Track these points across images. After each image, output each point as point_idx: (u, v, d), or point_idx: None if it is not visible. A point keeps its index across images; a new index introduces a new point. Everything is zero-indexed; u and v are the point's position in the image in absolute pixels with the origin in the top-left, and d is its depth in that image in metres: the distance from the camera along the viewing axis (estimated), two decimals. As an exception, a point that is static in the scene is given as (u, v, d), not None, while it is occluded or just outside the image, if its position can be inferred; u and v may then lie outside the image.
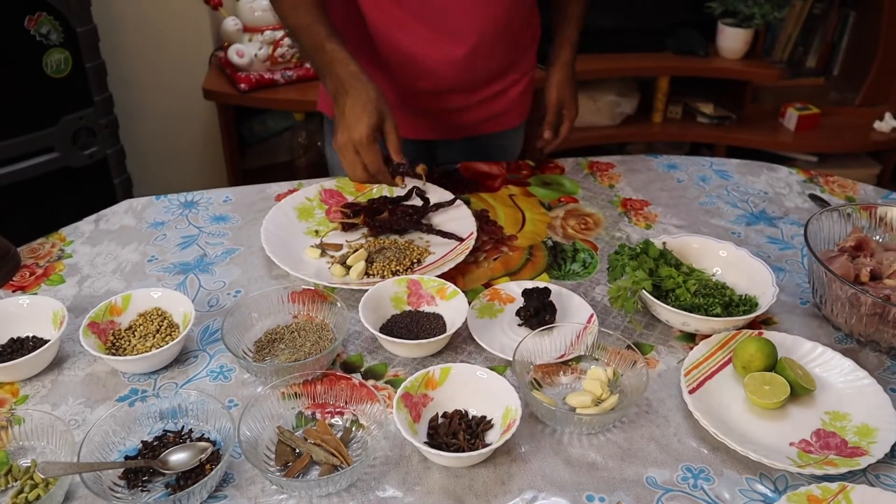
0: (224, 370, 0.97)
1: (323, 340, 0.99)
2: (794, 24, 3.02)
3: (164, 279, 1.13)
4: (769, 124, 2.89)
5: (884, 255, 1.07)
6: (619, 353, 0.95)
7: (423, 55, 1.31)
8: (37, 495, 0.78)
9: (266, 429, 0.86)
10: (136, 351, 0.96)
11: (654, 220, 1.31)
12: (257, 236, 1.18)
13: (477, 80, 1.39)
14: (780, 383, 0.91)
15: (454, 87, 1.39)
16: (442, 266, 1.12)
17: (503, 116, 1.51)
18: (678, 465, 0.85)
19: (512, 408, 0.85)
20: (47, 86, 1.94)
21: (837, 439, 0.87)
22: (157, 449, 0.84)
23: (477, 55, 1.32)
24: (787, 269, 1.18)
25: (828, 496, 0.78)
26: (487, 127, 1.50)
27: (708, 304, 1.02)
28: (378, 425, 0.85)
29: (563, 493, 0.81)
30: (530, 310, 1.02)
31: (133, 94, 2.51)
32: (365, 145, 1.12)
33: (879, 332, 0.97)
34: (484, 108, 1.45)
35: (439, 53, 1.31)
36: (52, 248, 1.20)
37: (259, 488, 0.81)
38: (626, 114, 2.90)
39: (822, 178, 1.46)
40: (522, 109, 1.55)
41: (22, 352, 0.95)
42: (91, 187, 2.13)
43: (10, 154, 1.92)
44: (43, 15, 1.86)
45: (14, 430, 0.85)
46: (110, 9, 2.33)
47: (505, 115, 1.51)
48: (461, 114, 1.45)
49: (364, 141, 1.11)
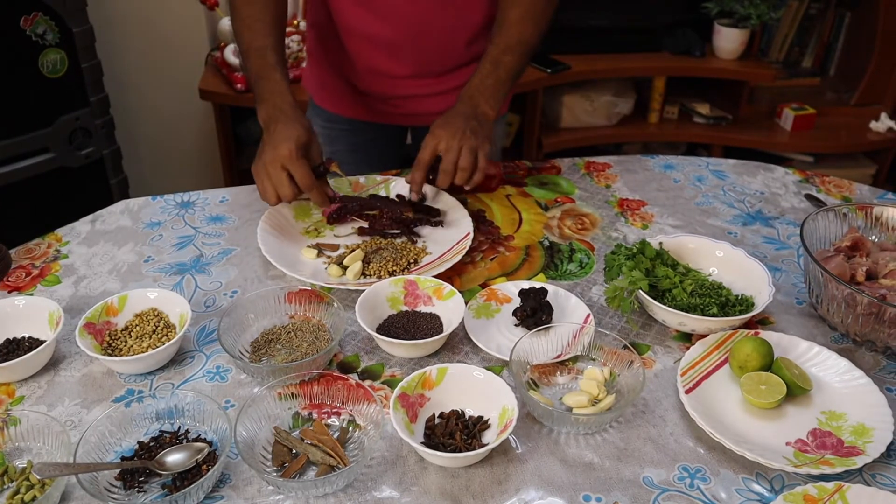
0: (221, 371, 0.97)
1: (320, 341, 0.99)
2: (790, 25, 3.03)
3: (161, 280, 1.13)
4: (765, 124, 2.90)
5: (879, 255, 1.07)
6: (616, 353, 0.95)
7: (370, 34, 1.36)
8: (33, 496, 0.78)
9: (263, 429, 0.86)
10: (132, 351, 0.96)
11: (650, 220, 1.31)
12: (254, 237, 1.18)
13: (428, 65, 1.41)
14: (776, 383, 0.91)
15: (413, 73, 1.41)
16: (439, 266, 1.12)
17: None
18: (675, 464, 0.85)
19: (509, 408, 0.85)
20: (43, 86, 1.94)
21: (833, 439, 0.87)
22: (154, 450, 0.83)
23: (414, 40, 1.35)
24: (784, 269, 1.19)
25: (824, 496, 0.78)
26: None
27: (704, 304, 1.02)
28: (375, 426, 0.85)
29: (559, 493, 0.81)
30: (527, 310, 1.02)
31: (129, 95, 2.50)
32: (294, 160, 1.12)
33: (875, 331, 0.97)
34: (454, 96, 1.39)
35: (381, 34, 1.35)
36: (48, 249, 1.19)
37: (256, 489, 0.81)
38: (623, 114, 2.91)
39: (819, 178, 1.47)
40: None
41: (18, 352, 0.95)
42: (87, 188, 2.13)
43: (6, 154, 1.92)
44: (39, 15, 1.86)
45: (10, 430, 0.84)
46: (106, 9, 2.33)
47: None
48: (427, 101, 1.45)
49: (292, 156, 1.12)
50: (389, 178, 1.36)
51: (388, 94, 1.47)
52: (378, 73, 1.43)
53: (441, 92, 1.45)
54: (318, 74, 1.54)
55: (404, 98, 1.47)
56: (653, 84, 2.84)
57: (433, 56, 1.41)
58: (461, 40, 1.40)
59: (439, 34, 1.38)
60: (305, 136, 1.15)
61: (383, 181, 1.35)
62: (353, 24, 1.37)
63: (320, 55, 1.50)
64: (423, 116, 1.49)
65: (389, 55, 1.39)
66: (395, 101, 1.48)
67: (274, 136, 1.14)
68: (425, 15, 1.33)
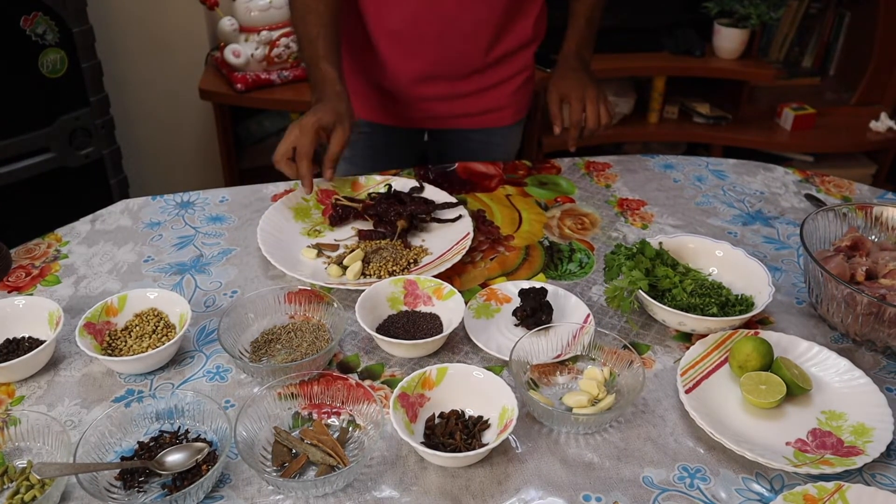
0: (220, 371, 0.97)
1: (319, 341, 0.99)
2: (790, 25, 3.03)
3: (161, 279, 1.13)
4: (765, 124, 2.90)
5: (879, 255, 1.07)
6: (616, 353, 0.95)
7: (391, 30, 1.39)
8: (33, 496, 0.78)
9: (263, 429, 0.86)
10: (132, 351, 0.96)
11: (650, 219, 1.31)
12: (254, 237, 1.18)
13: (448, 66, 1.43)
14: (776, 383, 0.91)
15: (437, 74, 1.43)
16: (439, 266, 1.13)
17: (494, 113, 1.53)
18: (675, 464, 0.85)
19: (508, 408, 0.85)
20: (43, 86, 1.95)
21: (833, 438, 0.87)
22: (154, 450, 0.84)
23: (435, 39, 1.38)
24: (784, 268, 1.19)
25: (824, 495, 0.78)
26: (477, 122, 1.52)
27: (704, 303, 1.02)
28: (375, 425, 0.85)
29: (559, 493, 0.81)
30: (527, 310, 1.02)
31: (129, 95, 2.51)
32: (307, 129, 1.18)
33: (875, 331, 0.97)
34: (471, 101, 1.47)
35: (402, 30, 1.38)
36: (47, 249, 1.20)
37: (255, 489, 0.81)
38: (623, 114, 2.91)
39: (818, 178, 1.47)
40: (517, 108, 1.56)
41: (18, 352, 0.95)
42: (87, 188, 2.13)
43: (6, 154, 1.93)
44: (39, 15, 1.87)
45: (10, 430, 0.85)
46: (106, 9, 2.33)
47: (496, 111, 1.52)
48: (447, 104, 1.48)
49: (307, 126, 1.19)
50: (388, 178, 1.36)
51: (406, 96, 1.48)
52: (397, 73, 1.45)
53: (460, 95, 1.47)
54: None
55: (422, 100, 1.48)
56: (653, 84, 2.84)
57: (453, 56, 1.42)
58: (483, 40, 1.41)
59: (460, 31, 1.39)
60: (329, 119, 1.21)
61: (383, 181, 1.35)
62: (375, 20, 1.39)
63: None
64: (440, 119, 1.53)
65: (409, 54, 1.41)
66: (414, 104, 1.49)
67: (311, 111, 1.23)
68: (446, 8, 1.35)
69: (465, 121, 1.53)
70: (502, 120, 1.55)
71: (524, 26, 1.45)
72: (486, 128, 1.55)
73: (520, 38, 1.45)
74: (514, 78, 1.50)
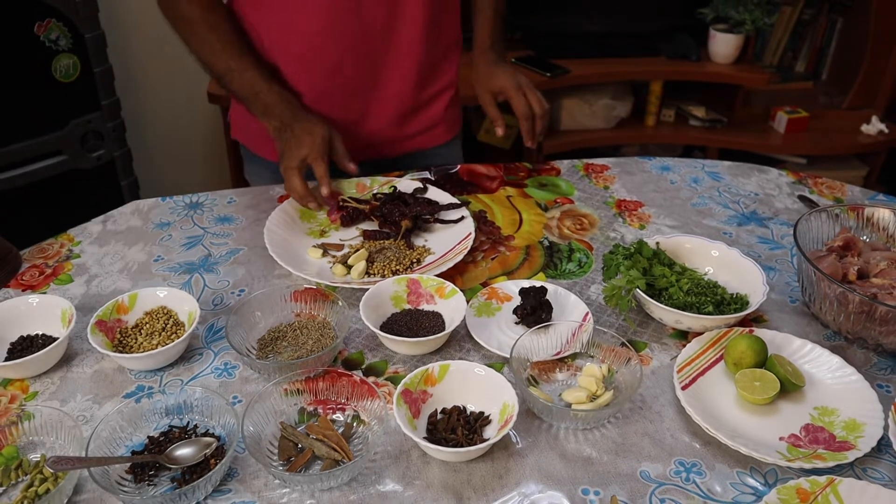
0: (228, 367, 0.98)
1: (325, 338, 1.01)
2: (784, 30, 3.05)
3: (170, 279, 1.14)
4: (759, 127, 2.92)
5: (871, 255, 1.08)
6: (614, 351, 0.96)
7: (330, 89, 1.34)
8: (46, 489, 0.80)
9: (269, 424, 0.87)
10: (142, 349, 0.97)
11: (647, 220, 1.33)
12: (261, 237, 1.19)
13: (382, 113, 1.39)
14: (770, 379, 0.92)
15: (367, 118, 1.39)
16: (441, 265, 1.14)
17: (430, 132, 1.48)
18: (671, 459, 0.86)
19: (509, 404, 0.86)
20: (56, 90, 1.96)
21: (826, 434, 0.88)
22: (163, 444, 0.85)
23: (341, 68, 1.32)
24: (778, 268, 1.20)
25: (816, 489, 0.79)
26: (417, 143, 1.48)
27: (700, 302, 1.03)
28: (378, 421, 0.86)
29: (558, 487, 0.82)
30: (527, 308, 1.03)
31: (140, 98, 2.51)
32: (318, 159, 1.18)
33: (866, 329, 0.98)
34: (406, 124, 1.43)
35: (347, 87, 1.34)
36: (60, 249, 1.21)
37: (262, 482, 0.82)
38: (621, 117, 2.93)
39: (811, 180, 1.48)
40: (449, 124, 1.52)
41: (31, 349, 0.97)
42: (99, 189, 2.14)
43: (19, 157, 1.94)
44: (52, 21, 1.88)
45: (24, 425, 0.86)
46: (117, 15, 2.34)
47: (431, 130, 1.48)
48: (384, 132, 1.42)
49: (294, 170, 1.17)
50: (393, 179, 1.37)
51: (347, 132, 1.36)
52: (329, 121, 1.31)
53: (398, 116, 1.42)
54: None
55: (370, 132, 1.42)
56: (650, 88, 2.85)
57: (381, 103, 1.37)
58: (410, 85, 1.38)
59: (388, 79, 1.35)
60: (327, 132, 1.20)
61: (386, 181, 1.36)
62: (296, 78, 1.32)
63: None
64: (387, 145, 1.46)
65: (335, 107, 1.35)
66: (358, 136, 1.41)
67: (291, 143, 1.19)
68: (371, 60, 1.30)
69: (406, 144, 1.47)
70: (439, 138, 1.51)
71: (451, 64, 1.43)
72: (428, 148, 1.50)
73: (448, 77, 1.44)
74: (441, 95, 1.45)
